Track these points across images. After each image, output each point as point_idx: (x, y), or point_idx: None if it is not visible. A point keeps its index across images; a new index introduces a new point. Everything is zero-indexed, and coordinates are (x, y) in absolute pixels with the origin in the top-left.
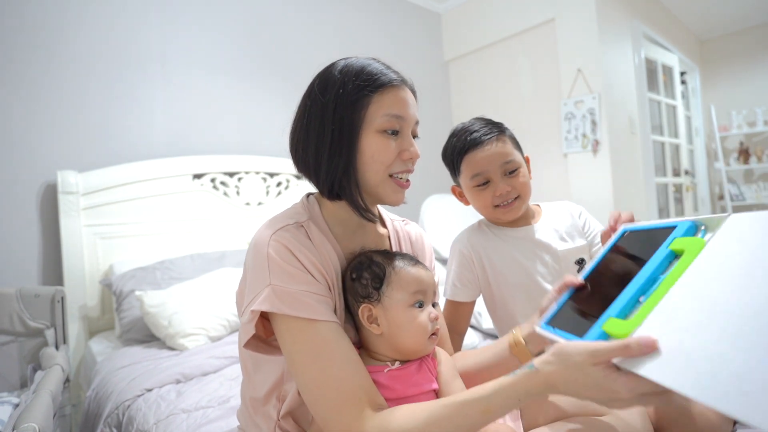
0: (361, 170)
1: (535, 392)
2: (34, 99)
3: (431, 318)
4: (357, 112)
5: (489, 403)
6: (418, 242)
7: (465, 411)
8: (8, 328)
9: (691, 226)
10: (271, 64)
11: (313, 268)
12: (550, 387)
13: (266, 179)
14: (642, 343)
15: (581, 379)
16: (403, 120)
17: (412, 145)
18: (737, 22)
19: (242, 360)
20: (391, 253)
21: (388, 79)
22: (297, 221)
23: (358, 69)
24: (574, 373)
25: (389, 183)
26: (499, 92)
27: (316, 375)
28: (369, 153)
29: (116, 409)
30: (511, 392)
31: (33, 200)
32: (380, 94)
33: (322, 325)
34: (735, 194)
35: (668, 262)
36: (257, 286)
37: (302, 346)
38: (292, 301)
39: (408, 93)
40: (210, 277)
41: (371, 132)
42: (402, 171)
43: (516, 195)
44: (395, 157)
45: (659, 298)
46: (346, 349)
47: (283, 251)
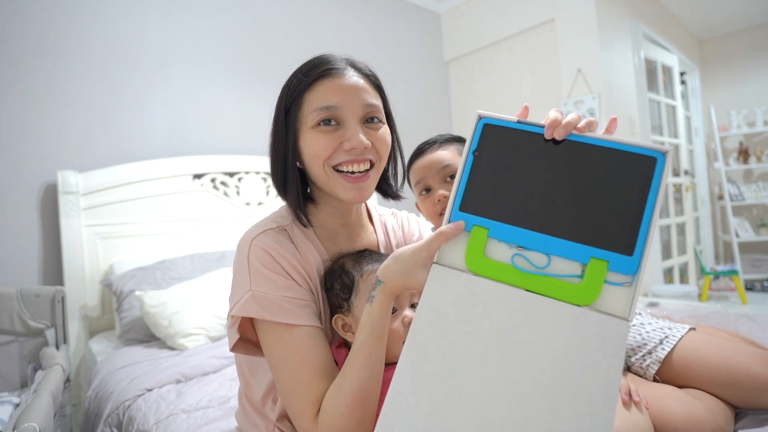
0: (308, 172)
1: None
2: (35, 99)
3: (405, 323)
4: (292, 116)
5: (360, 330)
6: (409, 230)
7: (353, 356)
8: (9, 328)
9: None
10: (271, 63)
11: (295, 273)
12: (383, 277)
13: (266, 179)
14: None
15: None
16: (337, 109)
17: (356, 134)
18: (737, 22)
19: (238, 363)
20: (364, 256)
21: (321, 71)
22: (280, 225)
23: (297, 70)
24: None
25: (337, 179)
26: (499, 92)
27: (287, 380)
28: (307, 152)
29: (116, 409)
30: (366, 316)
31: (33, 200)
32: (309, 92)
33: (300, 330)
34: (735, 194)
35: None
36: (238, 291)
37: (278, 351)
38: (271, 306)
39: (351, 78)
40: (210, 277)
41: (306, 131)
42: (345, 162)
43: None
44: (335, 149)
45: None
46: (320, 355)
47: (264, 256)
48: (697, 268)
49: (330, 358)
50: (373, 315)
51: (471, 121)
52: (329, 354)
